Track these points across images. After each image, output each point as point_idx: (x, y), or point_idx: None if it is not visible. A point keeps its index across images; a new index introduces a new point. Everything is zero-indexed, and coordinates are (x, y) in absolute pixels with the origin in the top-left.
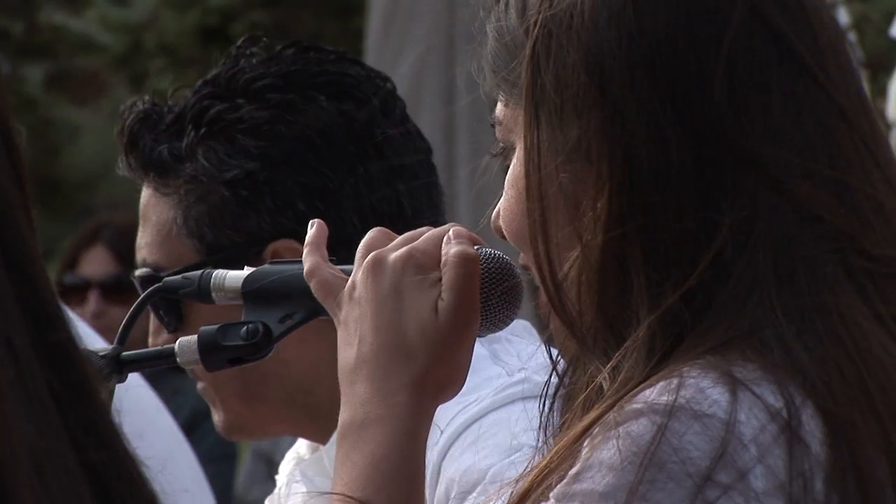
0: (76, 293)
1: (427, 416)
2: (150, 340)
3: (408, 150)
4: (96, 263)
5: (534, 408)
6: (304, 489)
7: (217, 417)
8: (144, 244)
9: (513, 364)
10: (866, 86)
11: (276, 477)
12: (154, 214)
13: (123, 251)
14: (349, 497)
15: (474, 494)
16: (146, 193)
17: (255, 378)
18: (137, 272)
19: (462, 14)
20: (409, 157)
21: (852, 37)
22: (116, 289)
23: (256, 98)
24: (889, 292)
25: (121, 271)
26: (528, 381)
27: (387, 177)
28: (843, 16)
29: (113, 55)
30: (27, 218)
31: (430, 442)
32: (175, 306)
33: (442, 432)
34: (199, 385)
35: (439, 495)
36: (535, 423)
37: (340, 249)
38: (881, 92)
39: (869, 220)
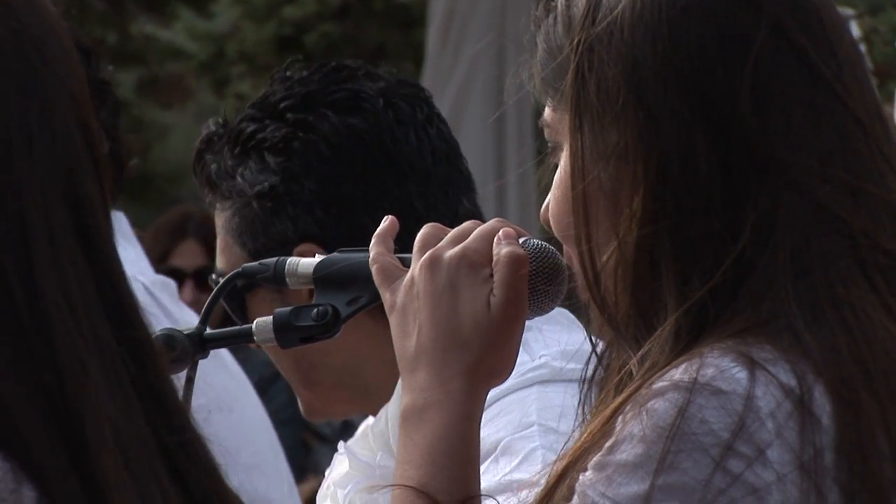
0: None
1: (480, 400)
2: None
3: (421, 153)
4: (189, 256)
5: (549, 392)
6: (347, 462)
7: (300, 404)
8: (217, 252)
9: (537, 350)
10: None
11: (340, 444)
12: (217, 226)
13: (211, 242)
14: (410, 487)
15: (487, 463)
16: (215, 210)
17: (306, 367)
18: (210, 277)
19: (511, 25)
20: (423, 160)
21: (862, 48)
22: (206, 278)
23: (279, 118)
24: None
25: (210, 261)
26: (546, 366)
27: (397, 180)
28: (855, 29)
29: (198, 62)
30: (107, 216)
31: None
32: (241, 302)
33: None
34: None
35: None
36: (547, 404)
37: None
38: (889, 98)
39: (882, 220)
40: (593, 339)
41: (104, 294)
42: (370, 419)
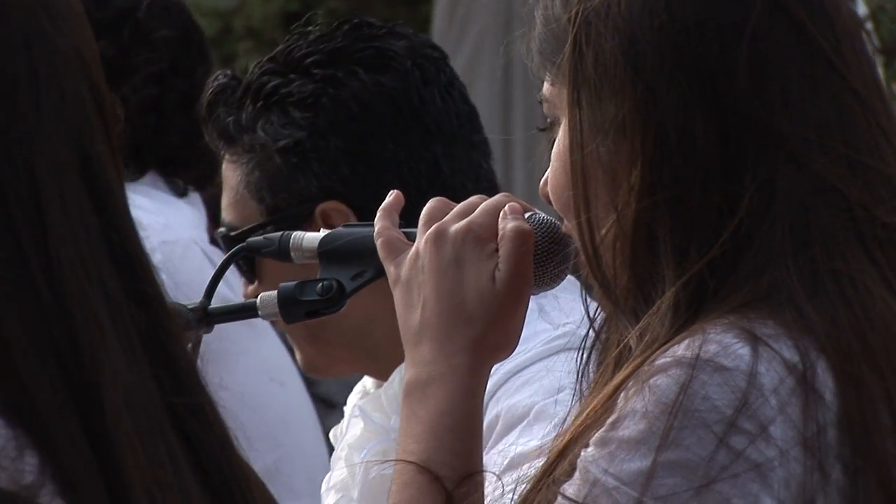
0: None
1: (484, 375)
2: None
3: (447, 115)
4: None
5: (574, 357)
6: (361, 424)
7: (297, 357)
8: (223, 206)
9: (557, 318)
10: (882, 71)
11: (344, 408)
12: (228, 179)
13: (216, 213)
14: (411, 462)
15: (520, 427)
16: (224, 160)
17: (317, 325)
18: (218, 230)
19: (519, 2)
20: (449, 121)
21: (869, 25)
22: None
23: (305, 73)
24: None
25: (212, 231)
26: (571, 333)
27: (424, 141)
28: (861, 6)
29: (206, 37)
30: (118, 176)
31: None
32: (252, 263)
33: (490, 377)
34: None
35: (484, 431)
36: (576, 371)
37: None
38: (895, 76)
39: (879, 193)
40: (591, 311)
41: (115, 252)
42: (366, 377)
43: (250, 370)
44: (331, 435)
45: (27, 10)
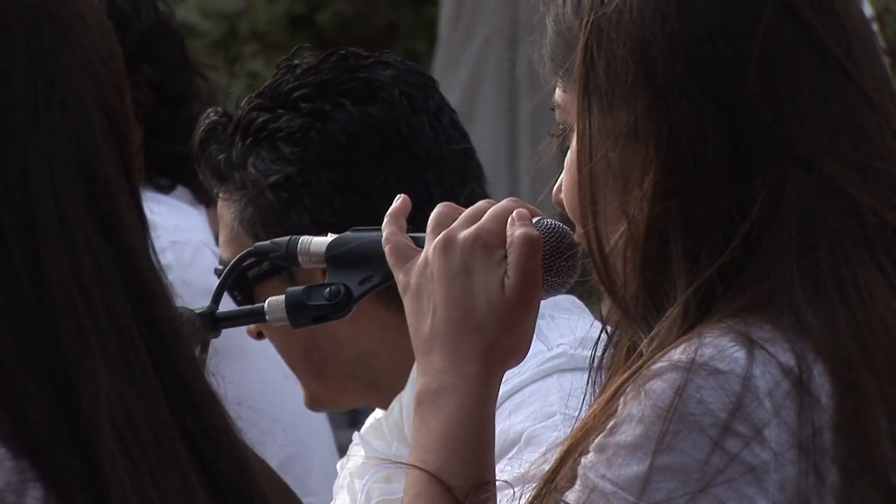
0: None
1: (496, 383)
2: None
3: (437, 142)
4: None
5: (568, 380)
6: (362, 452)
7: (303, 393)
8: (220, 243)
9: (553, 339)
10: (888, 72)
11: (354, 434)
12: (223, 217)
13: None
14: (423, 470)
15: (511, 454)
16: (218, 198)
17: (318, 358)
18: (216, 268)
19: (524, 3)
20: (439, 148)
21: (875, 27)
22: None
23: (293, 107)
24: None
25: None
26: (564, 355)
27: (415, 169)
28: (867, 7)
29: (210, 40)
30: (129, 197)
31: None
32: (249, 288)
33: None
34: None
35: None
36: (568, 393)
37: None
38: None
39: (890, 197)
40: (604, 320)
41: (123, 273)
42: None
43: (265, 368)
44: (338, 466)
45: (30, 24)
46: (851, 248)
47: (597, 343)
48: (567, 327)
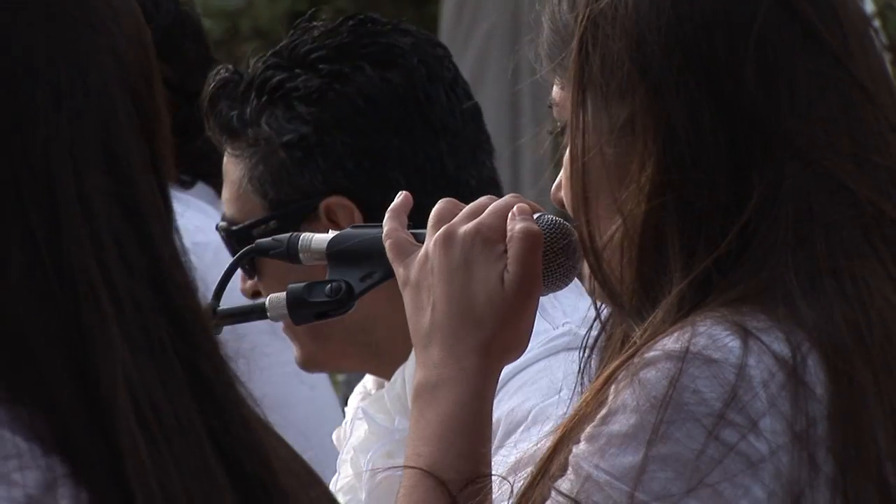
0: None
1: (494, 377)
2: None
3: (452, 112)
4: None
5: (575, 358)
6: (365, 426)
7: (295, 352)
8: (224, 199)
9: (558, 318)
10: (890, 68)
11: (346, 409)
12: (229, 173)
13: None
14: (416, 468)
15: (519, 431)
16: (225, 154)
17: None
18: (218, 224)
19: (526, 2)
20: (454, 118)
21: (876, 23)
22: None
23: (311, 68)
24: None
25: None
26: (571, 333)
27: (429, 138)
28: (869, 4)
29: (212, 38)
30: (154, 186)
31: None
32: (252, 259)
33: None
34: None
35: None
36: (575, 369)
37: (385, 207)
38: None
39: (888, 190)
40: (597, 306)
41: (148, 263)
42: (367, 378)
43: (281, 372)
44: (333, 437)
45: (52, 2)
46: (849, 240)
47: (589, 331)
48: (571, 306)
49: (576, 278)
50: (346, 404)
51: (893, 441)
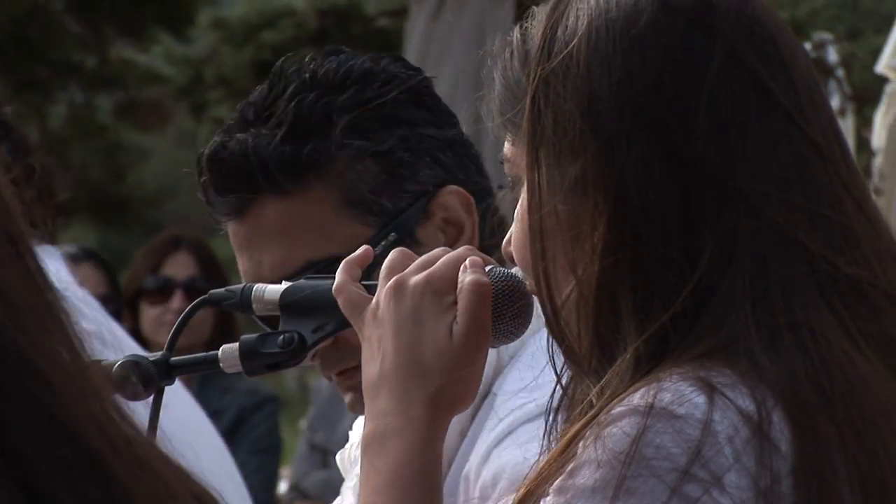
0: (160, 293)
1: (443, 427)
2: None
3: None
4: (180, 266)
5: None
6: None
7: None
8: (299, 246)
9: None
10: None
11: (350, 433)
12: (300, 219)
13: (203, 256)
14: None
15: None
16: (275, 209)
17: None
18: (321, 264)
19: (490, 49)
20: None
21: (840, 72)
22: (198, 289)
23: (350, 87)
24: (858, 309)
25: (201, 274)
26: None
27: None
28: (833, 54)
29: (176, 86)
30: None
31: (488, 425)
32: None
33: (501, 420)
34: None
35: (485, 479)
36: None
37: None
38: (867, 123)
39: (840, 244)
40: (556, 367)
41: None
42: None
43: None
44: (337, 458)
45: None
46: (805, 295)
47: (553, 392)
48: None
49: None
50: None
51: (858, 496)
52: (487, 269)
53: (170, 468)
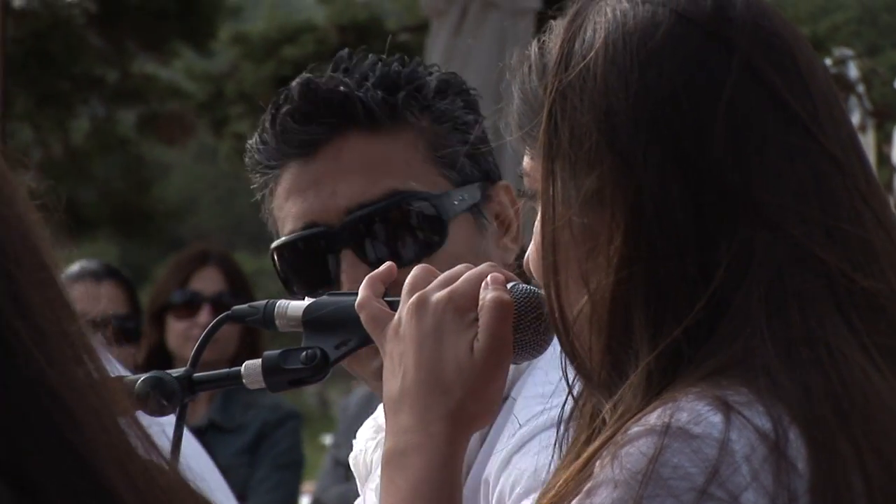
0: (187, 307)
1: (462, 444)
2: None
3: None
4: (208, 281)
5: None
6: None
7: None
8: (382, 177)
9: None
10: (873, 133)
11: (353, 441)
12: (386, 156)
13: (231, 272)
14: None
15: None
16: (360, 145)
17: None
18: (403, 191)
19: (507, 71)
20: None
21: (861, 88)
22: (225, 304)
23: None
24: (875, 323)
25: (228, 289)
26: None
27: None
28: (853, 69)
29: (197, 101)
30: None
31: (507, 430)
32: (441, 226)
33: (521, 426)
34: None
35: (504, 484)
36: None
37: None
38: (887, 138)
39: (858, 258)
40: (569, 379)
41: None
42: (379, 410)
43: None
44: (350, 460)
45: None
46: (821, 310)
47: (564, 404)
48: None
49: None
50: None
51: None
52: (509, 285)
53: (192, 498)
